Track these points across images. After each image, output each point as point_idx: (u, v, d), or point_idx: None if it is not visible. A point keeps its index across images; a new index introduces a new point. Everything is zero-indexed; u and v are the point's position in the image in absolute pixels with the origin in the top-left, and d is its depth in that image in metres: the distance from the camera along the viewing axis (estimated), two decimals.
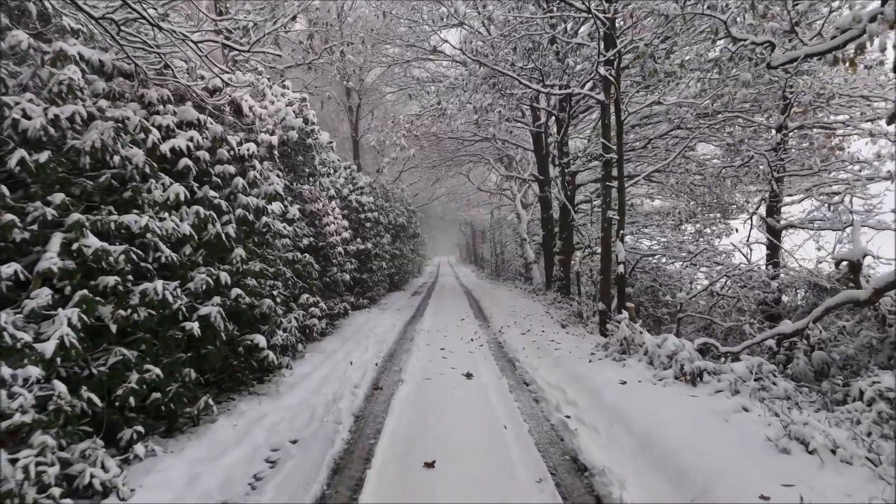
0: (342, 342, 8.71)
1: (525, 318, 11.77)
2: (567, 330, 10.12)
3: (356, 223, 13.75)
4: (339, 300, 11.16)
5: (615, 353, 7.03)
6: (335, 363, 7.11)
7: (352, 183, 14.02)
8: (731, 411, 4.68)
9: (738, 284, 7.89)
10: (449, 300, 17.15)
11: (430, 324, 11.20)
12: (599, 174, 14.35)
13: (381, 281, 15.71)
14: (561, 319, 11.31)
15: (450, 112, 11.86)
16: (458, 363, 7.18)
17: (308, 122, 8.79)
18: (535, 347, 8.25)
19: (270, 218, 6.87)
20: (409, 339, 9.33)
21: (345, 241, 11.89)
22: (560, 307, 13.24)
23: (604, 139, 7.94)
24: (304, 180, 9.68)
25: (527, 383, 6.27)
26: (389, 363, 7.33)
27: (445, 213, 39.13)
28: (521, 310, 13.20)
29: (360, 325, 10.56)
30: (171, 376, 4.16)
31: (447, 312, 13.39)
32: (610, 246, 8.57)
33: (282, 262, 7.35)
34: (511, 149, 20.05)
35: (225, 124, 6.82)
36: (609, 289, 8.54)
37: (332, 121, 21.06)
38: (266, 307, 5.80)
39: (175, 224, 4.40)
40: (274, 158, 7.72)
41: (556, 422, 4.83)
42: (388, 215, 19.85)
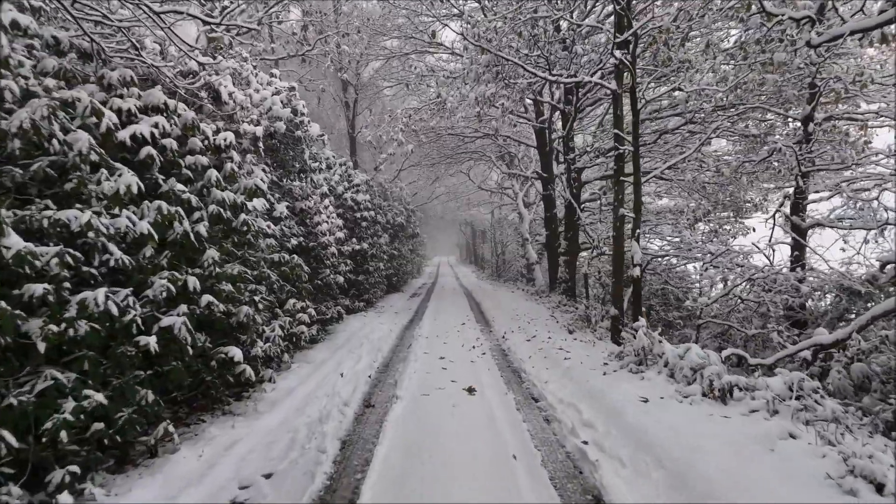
0: (334, 350, 8.08)
1: (529, 322, 11.15)
2: (575, 336, 9.49)
3: (351, 222, 13.13)
4: (333, 304, 10.53)
5: (631, 365, 6.40)
6: (324, 375, 6.49)
7: (347, 180, 13.39)
8: (775, 437, 4.05)
9: (761, 288, 7.27)
10: (449, 302, 16.52)
11: (429, 328, 10.57)
12: (607, 170, 13.73)
13: (378, 283, 15.09)
14: (567, 324, 10.69)
15: (449, 105, 11.24)
16: (459, 375, 6.55)
17: (297, 114, 8.16)
18: (542, 356, 7.62)
19: (252, 216, 6.26)
20: (407, 346, 8.70)
21: (339, 241, 11.27)
22: (566, 310, 12.61)
23: (616, 130, 7.32)
24: (293, 176, 9.05)
25: (535, 399, 5.64)
26: (384, 375, 6.70)
27: (445, 212, 38.51)
28: (524, 313, 12.57)
29: (354, 331, 9.93)
30: (122, 400, 3.53)
31: (447, 316, 12.76)
32: (623, 246, 7.94)
33: (266, 265, 6.73)
34: (513, 146, 19.43)
35: (203, 112, 6.21)
36: (621, 292, 7.91)
37: (328, 117, 20.44)
38: (244, 315, 5.17)
39: (130, 222, 3.77)
40: (259, 151, 7.09)
41: (573, 449, 4.20)
42: (386, 214, 19.23)
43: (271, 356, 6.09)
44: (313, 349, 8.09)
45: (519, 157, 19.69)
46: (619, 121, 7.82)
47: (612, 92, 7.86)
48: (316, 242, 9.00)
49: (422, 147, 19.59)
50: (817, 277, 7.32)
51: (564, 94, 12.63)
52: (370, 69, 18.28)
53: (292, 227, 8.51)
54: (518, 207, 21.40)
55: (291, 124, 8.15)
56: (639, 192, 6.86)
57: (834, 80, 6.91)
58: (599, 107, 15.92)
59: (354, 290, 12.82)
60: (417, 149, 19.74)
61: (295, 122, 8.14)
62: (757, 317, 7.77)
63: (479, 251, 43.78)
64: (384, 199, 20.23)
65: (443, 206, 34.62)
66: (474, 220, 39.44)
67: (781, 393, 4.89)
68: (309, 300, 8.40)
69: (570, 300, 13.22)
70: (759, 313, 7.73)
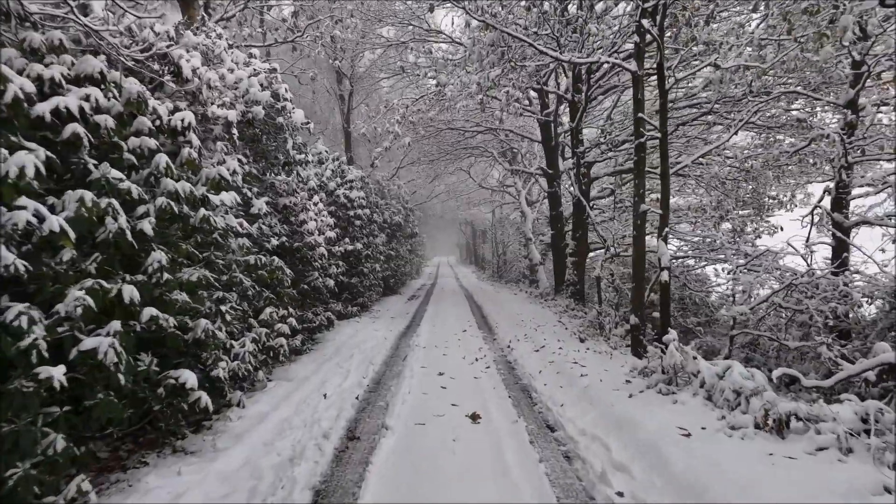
0: (320, 364, 7.21)
1: (536, 328, 10.28)
2: (588, 345, 8.63)
3: (344, 221, 12.26)
4: (323, 309, 9.66)
5: (661, 385, 5.52)
6: (305, 396, 5.61)
7: (340, 176, 12.52)
8: (866, 491, 3.18)
9: (803, 294, 6.41)
10: (449, 306, 15.65)
11: (427, 337, 9.69)
12: (617, 166, 12.86)
13: (373, 285, 14.22)
14: (578, 331, 9.82)
15: (449, 93, 10.38)
16: (460, 395, 5.68)
17: (279, 98, 7.29)
18: (554, 371, 6.75)
19: (221, 211, 5.39)
20: (402, 358, 7.83)
21: (329, 241, 10.40)
22: (574, 316, 11.75)
23: (641, 115, 6.43)
24: (277, 169, 8.18)
25: (552, 428, 4.77)
26: (374, 395, 5.82)
27: (445, 212, 37.65)
28: (529, 318, 11.70)
29: (344, 340, 9.05)
30: (12, 453, 2.66)
31: (447, 321, 11.89)
32: (644, 247, 7.08)
33: (239, 268, 5.86)
34: (516, 141, 18.56)
35: (164, 91, 5.34)
36: (643, 299, 7.05)
37: (321, 112, 19.56)
38: (202, 330, 4.29)
39: (32, 217, 2.90)
40: (233, 139, 6.22)
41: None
42: (383, 213, 18.37)
43: (242, 375, 5.22)
44: (297, 362, 7.21)
45: (522, 153, 18.82)
46: (639, 105, 6.95)
47: (633, 74, 6.99)
48: (302, 242, 8.13)
49: (420, 142, 18.71)
50: (868, 282, 6.47)
51: (573, 82, 11.75)
52: (366, 60, 17.40)
53: (274, 226, 7.63)
54: (521, 206, 20.53)
55: (273, 110, 7.28)
56: (667, 186, 5.99)
57: (885, 57, 6.04)
58: (607, 99, 15.06)
59: (347, 293, 11.95)
60: (416, 144, 18.87)
61: (276, 108, 7.27)
62: (795, 326, 6.89)
63: (479, 251, 42.91)
64: (381, 197, 19.37)
65: (442, 205, 33.78)
66: (475, 220, 38.58)
67: (853, 426, 4.02)
68: (293, 307, 7.53)
69: (579, 304, 12.35)
70: (798, 322, 6.86)
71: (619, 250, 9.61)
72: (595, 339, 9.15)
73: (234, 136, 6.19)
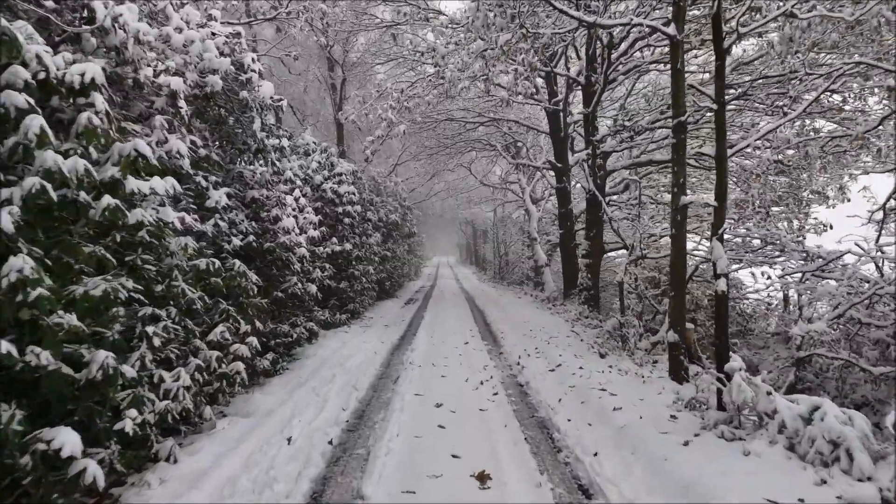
0: (292, 389, 5.97)
1: (547, 340, 9.04)
2: (609, 362, 7.41)
3: (332, 219, 11.02)
4: (304, 319, 8.42)
5: (721, 427, 4.27)
6: (263, 440, 4.37)
7: (328, 168, 11.28)
8: None
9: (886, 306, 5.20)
10: (449, 311, 14.41)
11: (423, 351, 8.45)
12: (634, 157, 11.63)
13: (366, 289, 12.96)
14: (596, 344, 8.59)
15: (449, 75, 9.16)
16: (463, 439, 4.44)
17: (244, 69, 6.05)
18: (577, 399, 5.51)
19: (153, 203, 4.18)
20: (393, 380, 6.59)
21: (313, 241, 9.16)
22: (589, 324, 10.51)
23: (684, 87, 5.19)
24: (249, 157, 6.94)
25: (588, 494, 3.53)
26: (353, 436, 4.58)
27: (445, 211, 36.41)
28: (539, 326, 10.47)
29: (327, 355, 7.81)
30: None
31: (447, 330, 10.65)
32: (685, 247, 5.84)
33: (183, 276, 4.62)
34: (520, 134, 17.33)
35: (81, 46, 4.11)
36: (684, 311, 5.82)
37: (313, 103, 18.33)
38: (98, 367, 3.05)
39: None
40: (179, 114, 4.98)
41: None
42: (379, 211, 17.14)
43: (176, 417, 3.98)
44: (264, 388, 5.97)
45: (527, 147, 17.57)
46: (679, 78, 5.71)
47: (671, 40, 5.75)
48: (274, 243, 6.88)
49: (418, 134, 17.49)
50: None
51: (587, 63, 10.51)
52: (359, 45, 16.17)
53: (240, 223, 6.39)
54: (525, 204, 19.29)
55: (235, 82, 6.04)
56: (724, 171, 4.74)
57: None
58: (620, 87, 13.81)
59: (335, 299, 10.70)
60: (413, 136, 17.65)
61: (240, 80, 6.03)
62: (869, 345, 5.66)
63: (480, 251, 41.68)
64: (377, 194, 18.15)
65: (442, 203, 32.59)
66: (475, 219, 37.35)
67: None
68: (262, 320, 6.29)
69: (593, 311, 11.11)
70: (873, 340, 5.62)
71: (645, 251, 8.38)
72: (617, 355, 7.92)
73: (181, 111, 4.95)
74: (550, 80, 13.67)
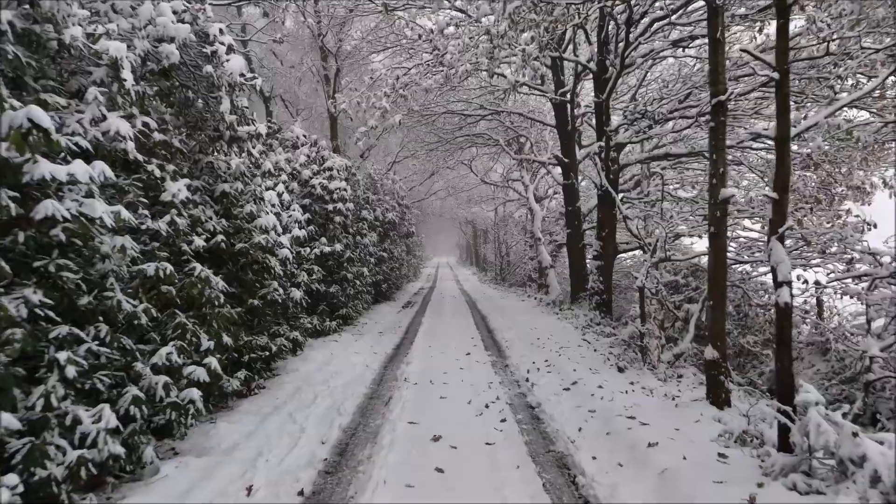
0: (266, 415, 5.10)
1: (558, 351, 8.18)
2: (629, 377, 6.57)
3: (322, 217, 10.16)
4: (288, 329, 7.55)
5: (793, 476, 3.41)
6: (217, 490, 3.50)
7: (317, 163, 10.42)
8: None
9: None
10: (449, 316, 13.55)
11: (420, 364, 7.59)
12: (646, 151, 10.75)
13: (360, 292, 12.09)
14: (612, 355, 7.74)
15: (450, 57, 8.32)
16: (466, 486, 3.58)
17: (209, 40, 5.18)
18: (601, 429, 4.65)
19: (77, 194, 3.33)
20: (384, 401, 5.72)
21: (299, 241, 8.32)
22: (601, 332, 9.64)
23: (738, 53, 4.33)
24: (221, 146, 6.08)
25: None
26: (330, 484, 3.71)
27: (444, 210, 35.52)
28: (546, 334, 9.61)
29: (311, 371, 6.95)
30: None
31: (447, 339, 9.78)
32: (725, 249, 4.98)
33: (122, 284, 3.76)
34: (524, 128, 16.47)
35: None
36: (724, 323, 4.96)
37: (306, 96, 17.45)
38: None
39: None
40: (124, 88, 4.12)
41: None
42: (376, 210, 16.28)
43: (105, 464, 3.12)
44: (234, 413, 5.11)
45: (532, 141, 16.68)
46: (719, 50, 4.85)
47: (709, 4, 4.90)
48: (249, 243, 6.01)
49: (416, 129, 16.64)
50: None
51: (600, 47, 9.64)
52: (354, 34, 15.30)
53: (207, 220, 5.52)
54: (528, 202, 18.41)
55: (200, 56, 5.17)
56: (787, 156, 3.85)
57: None
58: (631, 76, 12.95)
59: (325, 304, 9.83)
60: (411, 130, 16.80)
61: (205, 53, 5.16)
62: None
63: (480, 252, 40.79)
64: (374, 192, 17.29)
65: (441, 202, 31.76)
66: (476, 219, 36.47)
67: None
68: (234, 332, 5.42)
69: (606, 317, 10.24)
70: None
71: (670, 253, 7.50)
72: (637, 369, 7.07)
73: (125, 84, 4.08)
74: (557, 70, 12.81)
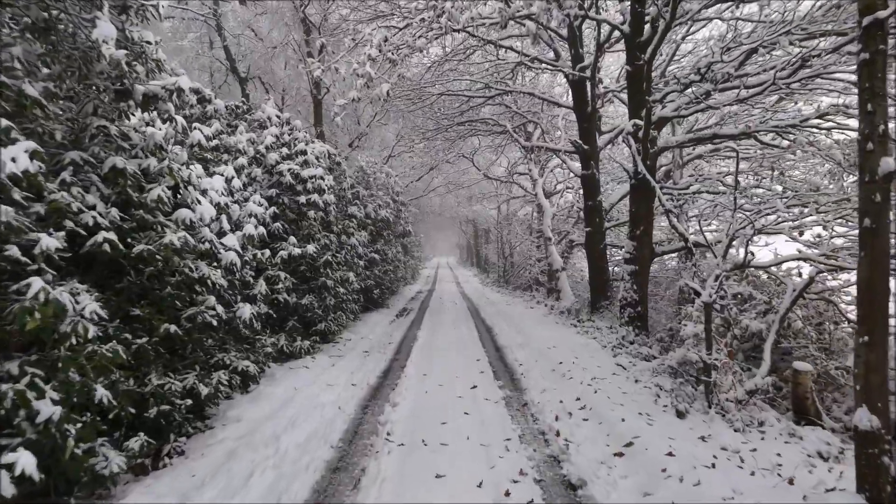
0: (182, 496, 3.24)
1: (590, 382, 6.34)
2: (694, 426, 4.75)
3: (294, 211, 8.30)
4: (238, 356, 5.70)
5: None
6: None
7: (287, 145, 8.55)
8: None
9: None
10: (449, 328, 11.69)
11: (411, 404, 5.73)
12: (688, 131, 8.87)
13: (345, 301, 10.20)
14: (661, 390, 5.91)
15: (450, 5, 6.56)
16: None
17: None
18: None
19: None
20: (353, 482, 3.85)
21: (256, 241, 6.49)
22: (636, 353, 7.78)
23: None
24: (127, 105, 4.23)
25: None
26: None
27: (444, 209, 33.68)
28: (568, 355, 7.76)
29: (263, 417, 5.08)
30: None
31: (446, 363, 7.93)
32: (887, 253, 3.15)
33: None
34: (534, 112, 14.61)
35: None
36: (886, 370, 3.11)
37: (289, 79, 15.59)
38: None
39: None
40: None
41: None
42: (367, 206, 14.43)
43: None
44: (137, 489, 3.25)
45: (542, 128, 14.81)
46: None
47: None
48: (157, 244, 4.14)
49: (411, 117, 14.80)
50: None
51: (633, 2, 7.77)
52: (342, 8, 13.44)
53: (92, 208, 3.66)
54: (537, 198, 16.55)
55: None
56: None
57: None
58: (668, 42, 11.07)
59: (295, 320, 7.95)
60: (406, 117, 14.96)
61: None
62: None
63: (482, 252, 38.87)
64: (366, 187, 15.45)
65: (441, 200, 29.93)
66: (477, 218, 34.57)
67: None
68: (125, 375, 3.57)
69: (641, 334, 8.38)
70: None
71: (751, 258, 5.63)
72: (701, 412, 5.24)
73: None
74: (575, 40, 10.95)
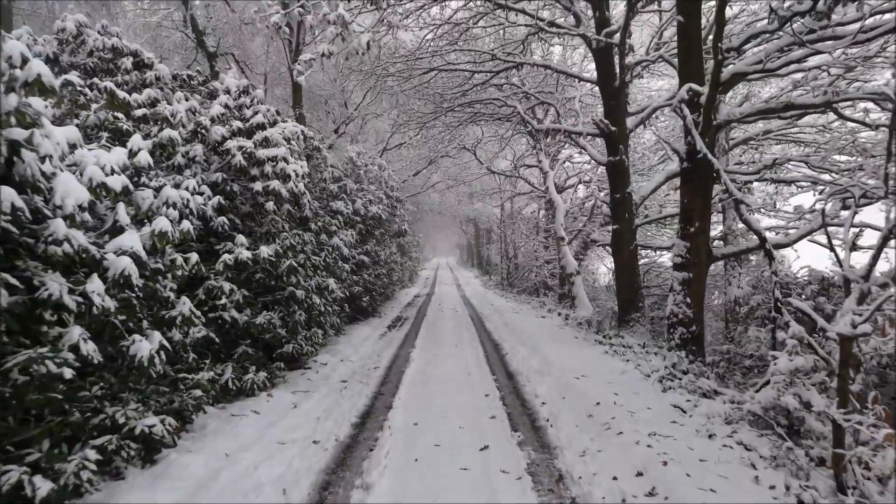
0: None
1: (648, 442, 4.50)
2: None
3: (251, 201, 6.46)
4: (137, 411, 3.86)
5: None
6: None
7: (241, 119, 6.69)
8: None
9: None
10: (449, 345, 9.85)
11: (393, 483, 3.88)
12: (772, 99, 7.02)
13: (322, 314, 8.32)
14: (756, 455, 4.08)
15: None
16: None
17: None
18: None
19: None
20: None
21: (167, 239, 4.63)
22: (693, 388, 5.93)
23: None
24: None
25: None
26: None
27: (444, 207, 31.88)
28: (606, 393, 5.92)
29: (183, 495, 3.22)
30: None
31: (445, 405, 6.08)
32: None
33: None
34: (547, 93, 12.77)
35: None
36: None
37: (268, 56, 13.74)
38: None
39: None
40: None
41: None
42: (356, 202, 12.56)
43: None
44: None
45: (557, 110, 12.91)
46: None
47: None
48: None
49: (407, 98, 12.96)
50: None
51: None
52: None
53: None
54: (549, 193, 14.68)
55: None
56: None
57: None
58: None
59: (247, 344, 6.09)
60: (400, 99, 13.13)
61: None
62: None
63: (483, 253, 37.02)
64: (356, 180, 13.60)
65: (441, 196, 28.13)
66: (478, 216, 32.77)
67: None
68: None
69: (696, 361, 6.52)
70: None
71: None
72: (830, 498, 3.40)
73: None
74: (601, 1, 9.12)
